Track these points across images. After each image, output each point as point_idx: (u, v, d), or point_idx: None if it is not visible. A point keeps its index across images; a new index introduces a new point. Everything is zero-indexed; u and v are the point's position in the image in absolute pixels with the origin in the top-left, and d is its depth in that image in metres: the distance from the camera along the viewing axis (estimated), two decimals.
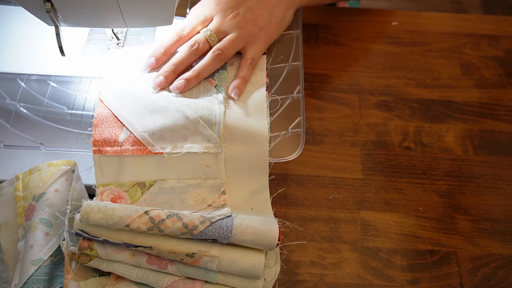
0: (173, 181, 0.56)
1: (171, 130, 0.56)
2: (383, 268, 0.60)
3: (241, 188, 0.57)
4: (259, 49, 0.64)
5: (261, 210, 0.56)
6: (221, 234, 0.50)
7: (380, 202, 0.65)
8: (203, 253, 0.50)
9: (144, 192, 0.56)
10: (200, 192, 0.56)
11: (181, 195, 0.56)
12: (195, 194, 0.56)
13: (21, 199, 0.56)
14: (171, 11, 0.59)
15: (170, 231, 0.50)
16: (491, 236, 0.63)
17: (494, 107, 0.74)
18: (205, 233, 0.50)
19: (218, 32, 0.62)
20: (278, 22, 0.66)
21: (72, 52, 0.68)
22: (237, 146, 0.57)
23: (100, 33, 0.70)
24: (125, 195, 0.56)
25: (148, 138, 0.56)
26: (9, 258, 0.55)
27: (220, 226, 0.50)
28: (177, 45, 0.63)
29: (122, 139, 0.56)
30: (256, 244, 0.51)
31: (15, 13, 0.72)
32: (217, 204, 0.56)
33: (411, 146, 0.70)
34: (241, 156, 0.57)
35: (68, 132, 0.63)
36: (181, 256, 0.50)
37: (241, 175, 0.57)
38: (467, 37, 0.81)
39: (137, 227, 0.50)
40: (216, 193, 0.56)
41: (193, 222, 0.50)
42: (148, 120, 0.57)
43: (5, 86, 0.66)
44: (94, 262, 0.51)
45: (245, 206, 0.56)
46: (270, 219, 0.54)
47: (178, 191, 0.56)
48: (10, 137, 0.62)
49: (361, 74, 0.76)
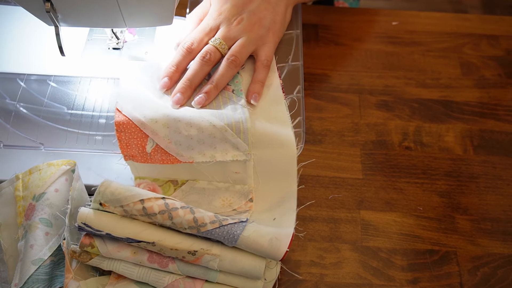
0: (203, 183, 0.57)
1: (198, 140, 0.56)
2: (383, 268, 0.60)
3: (268, 195, 0.57)
4: (271, 49, 0.64)
5: (283, 221, 0.55)
6: (226, 238, 0.50)
7: (380, 202, 0.65)
8: (205, 251, 0.50)
9: (176, 189, 0.57)
10: (228, 196, 0.57)
11: (210, 197, 0.57)
12: (223, 197, 0.57)
13: (21, 199, 0.56)
14: (171, 11, 0.59)
15: (179, 221, 0.50)
16: (491, 236, 0.63)
17: (494, 107, 0.74)
18: (211, 233, 0.50)
19: (227, 39, 0.62)
20: (282, 20, 0.66)
21: (72, 52, 0.68)
22: (266, 152, 0.57)
23: (100, 33, 0.70)
24: (159, 189, 0.57)
25: (176, 149, 0.56)
26: (9, 258, 0.55)
27: (228, 232, 0.50)
28: (188, 60, 0.62)
29: (149, 149, 0.56)
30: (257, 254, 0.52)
31: (15, 13, 0.72)
32: (242, 209, 0.56)
33: (411, 146, 0.70)
34: (269, 162, 0.57)
35: (68, 132, 0.63)
36: (183, 254, 0.50)
37: (270, 181, 0.57)
38: (467, 37, 0.81)
39: (150, 206, 0.50)
40: (244, 199, 0.57)
41: (203, 219, 0.50)
42: (173, 130, 0.56)
43: (5, 86, 0.66)
44: (94, 260, 0.51)
45: (269, 215, 0.56)
46: (284, 236, 0.52)
47: (207, 192, 0.57)
48: (10, 137, 0.62)
49: (361, 74, 0.76)
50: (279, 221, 0.55)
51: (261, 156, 0.57)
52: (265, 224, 0.54)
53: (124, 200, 0.50)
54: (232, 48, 0.62)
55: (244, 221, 0.52)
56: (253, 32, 0.63)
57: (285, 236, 0.52)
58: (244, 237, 0.50)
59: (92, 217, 0.50)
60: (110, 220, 0.51)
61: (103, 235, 0.50)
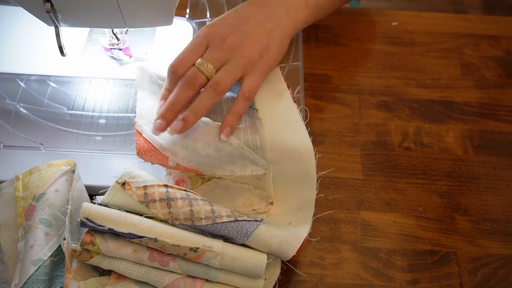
0: (228, 181, 0.59)
1: (217, 159, 0.57)
2: (383, 268, 0.60)
3: (287, 201, 0.58)
4: (257, 80, 0.59)
5: (298, 227, 0.56)
6: (239, 233, 0.52)
7: (380, 202, 0.65)
8: (206, 249, 0.50)
9: (204, 183, 0.59)
10: (250, 197, 0.58)
11: (234, 194, 0.58)
12: (245, 196, 0.58)
13: (21, 199, 0.56)
14: (171, 11, 0.59)
15: (198, 209, 0.52)
16: (491, 236, 0.63)
17: (494, 107, 0.74)
18: (226, 226, 0.52)
19: (214, 61, 0.57)
20: (276, 48, 0.61)
21: (72, 52, 0.68)
22: (285, 165, 0.58)
23: (100, 33, 0.70)
24: (188, 180, 0.58)
25: (196, 167, 0.57)
26: (9, 258, 0.55)
27: (241, 227, 0.52)
28: (175, 84, 0.57)
29: (172, 165, 0.57)
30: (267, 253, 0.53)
31: (15, 13, 0.72)
32: (261, 211, 0.58)
33: (411, 146, 0.70)
34: (289, 173, 0.58)
35: (68, 133, 0.63)
36: (185, 250, 0.50)
37: (289, 188, 0.58)
38: (467, 37, 0.81)
39: (173, 192, 0.52)
40: (264, 202, 0.58)
41: (220, 212, 0.52)
42: (191, 151, 0.56)
43: (5, 86, 0.66)
44: (95, 259, 0.51)
45: (286, 219, 0.57)
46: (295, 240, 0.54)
47: (231, 190, 0.58)
48: (10, 138, 0.62)
49: (361, 74, 0.76)
50: (294, 226, 0.56)
51: (280, 169, 0.58)
52: (280, 226, 0.55)
53: (149, 182, 0.52)
54: (217, 74, 0.56)
55: (258, 221, 0.54)
56: (243, 56, 0.58)
57: (296, 240, 0.54)
58: (256, 235, 0.52)
59: (95, 212, 0.50)
60: (113, 215, 0.51)
61: (106, 230, 0.50)
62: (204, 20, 0.75)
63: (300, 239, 0.54)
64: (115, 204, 0.52)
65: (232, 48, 0.58)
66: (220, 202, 0.57)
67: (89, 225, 0.50)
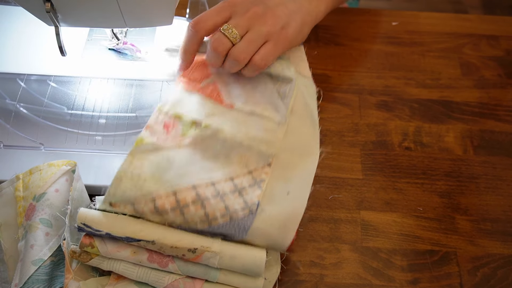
0: (227, 134, 0.57)
1: (246, 94, 0.60)
2: (383, 268, 0.60)
3: (287, 166, 0.57)
4: (274, 51, 0.59)
5: (296, 198, 0.55)
6: (237, 231, 0.51)
7: (380, 202, 0.65)
8: (205, 249, 0.50)
9: (197, 131, 0.57)
10: (248, 155, 0.56)
11: (229, 150, 0.56)
12: (242, 154, 0.56)
13: (21, 199, 0.56)
14: (171, 11, 0.59)
15: (191, 216, 0.51)
16: (491, 236, 0.63)
17: (494, 107, 0.74)
18: (223, 227, 0.51)
19: (238, 27, 0.58)
20: (297, 27, 0.61)
21: (72, 52, 0.68)
22: (298, 123, 0.59)
23: (100, 33, 0.70)
24: (179, 126, 0.57)
25: (223, 93, 0.60)
26: (9, 258, 0.55)
27: (238, 225, 0.51)
28: (196, 41, 0.60)
29: (203, 84, 0.61)
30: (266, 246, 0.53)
31: (15, 13, 0.72)
32: (257, 175, 0.55)
33: (411, 146, 0.70)
34: (298, 134, 0.59)
35: (68, 132, 0.63)
36: (183, 252, 0.50)
37: (293, 153, 0.58)
38: (467, 37, 0.81)
39: (162, 204, 0.51)
40: (262, 162, 0.56)
41: (214, 213, 0.51)
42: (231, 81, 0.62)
43: (5, 86, 0.66)
44: (94, 260, 0.51)
45: (283, 187, 0.55)
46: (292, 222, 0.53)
47: (228, 145, 0.56)
48: (10, 137, 0.62)
49: (361, 74, 0.76)
50: (292, 197, 0.55)
51: (293, 125, 0.59)
52: (278, 197, 0.54)
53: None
54: (239, 44, 0.58)
55: (253, 212, 0.52)
56: (266, 24, 0.58)
57: (294, 219, 0.53)
58: (254, 229, 0.52)
59: (91, 217, 0.50)
60: (110, 219, 0.51)
61: (103, 235, 0.50)
62: None
63: (298, 217, 0.53)
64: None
65: (256, 17, 0.59)
66: (213, 157, 0.55)
67: (86, 230, 0.50)
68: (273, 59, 0.60)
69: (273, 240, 0.52)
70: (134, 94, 0.66)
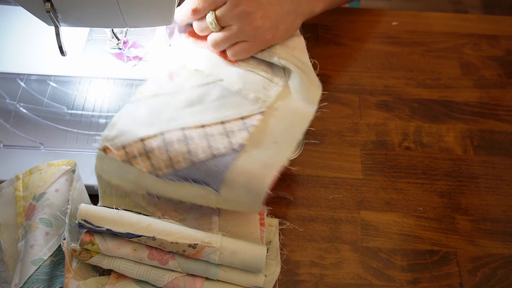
0: (226, 83, 0.60)
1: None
2: (383, 268, 0.60)
3: (280, 117, 0.59)
4: (250, 51, 0.62)
5: (282, 149, 0.56)
6: (219, 168, 0.51)
7: (380, 202, 0.65)
8: (205, 244, 0.50)
9: (198, 76, 0.61)
10: (243, 102, 0.59)
11: (225, 98, 0.59)
12: (237, 102, 0.59)
13: (21, 199, 0.56)
14: (171, 11, 0.59)
15: (174, 154, 0.52)
16: (491, 236, 0.63)
17: (494, 107, 0.74)
18: (205, 164, 0.52)
19: (222, 20, 0.60)
20: (284, 31, 0.62)
21: (72, 52, 0.67)
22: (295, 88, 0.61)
23: (100, 33, 0.70)
24: (183, 74, 0.61)
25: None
26: (9, 258, 0.55)
27: (220, 161, 0.52)
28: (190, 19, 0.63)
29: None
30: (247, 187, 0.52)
31: (15, 13, 0.72)
32: (248, 121, 0.57)
33: (411, 146, 0.70)
34: (293, 98, 0.61)
35: (68, 132, 0.63)
36: (184, 247, 0.50)
37: (287, 109, 0.59)
38: (467, 37, 0.81)
39: (149, 142, 0.52)
40: (256, 110, 0.59)
41: (196, 150, 0.52)
42: None
43: (5, 86, 0.66)
44: (95, 259, 0.51)
45: (271, 137, 0.57)
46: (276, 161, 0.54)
47: (225, 92, 0.59)
48: (10, 137, 0.62)
49: (361, 74, 0.76)
50: (278, 147, 0.56)
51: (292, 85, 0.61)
52: (264, 143, 0.55)
53: (127, 143, 0.52)
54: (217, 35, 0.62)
55: (237, 150, 0.53)
56: (250, 26, 0.59)
57: (276, 162, 0.53)
58: (236, 165, 0.52)
59: (92, 213, 0.50)
60: (110, 215, 0.51)
61: (103, 231, 0.50)
62: None
63: (280, 161, 0.54)
64: (107, 172, 0.53)
65: (244, 14, 0.59)
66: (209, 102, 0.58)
67: (87, 226, 0.50)
68: (245, 56, 0.63)
69: (255, 179, 0.51)
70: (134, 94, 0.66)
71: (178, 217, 0.56)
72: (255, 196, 0.52)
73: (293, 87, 0.62)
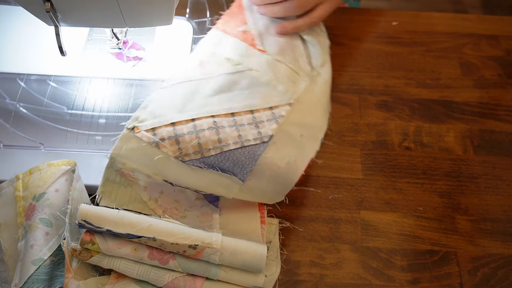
0: (255, 73, 0.61)
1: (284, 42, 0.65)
2: (383, 268, 0.60)
3: (305, 114, 0.60)
4: (327, 12, 0.66)
5: (307, 144, 0.59)
6: (247, 159, 0.53)
7: (380, 202, 0.65)
8: (206, 245, 0.50)
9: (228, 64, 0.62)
10: (271, 93, 0.60)
11: (255, 87, 0.60)
12: (266, 92, 0.60)
13: (21, 199, 0.56)
14: (171, 11, 0.59)
15: (205, 141, 0.53)
16: (491, 236, 0.63)
17: (494, 107, 0.74)
18: (234, 154, 0.53)
19: None
20: None
21: (72, 52, 0.68)
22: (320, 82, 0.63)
23: (100, 33, 0.70)
24: (213, 62, 0.62)
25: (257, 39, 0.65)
26: (9, 258, 0.55)
27: (249, 152, 0.53)
28: None
29: (241, 29, 0.66)
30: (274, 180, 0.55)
31: (15, 13, 0.72)
32: (277, 111, 0.58)
33: (411, 146, 0.70)
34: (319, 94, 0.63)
35: (67, 132, 0.63)
36: (184, 248, 0.50)
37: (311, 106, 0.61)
38: (467, 37, 0.81)
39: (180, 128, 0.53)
40: (284, 101, 0.60)
41: (227, 139, 0.54)
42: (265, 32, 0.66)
43: (5, 86, 0.66)
44: (95, 258, 0.51)
45: (298, 130, 0.59)
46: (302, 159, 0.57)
47: (254, 82, 0.60)
48: (10, 137, 0.62)
49: (361, 74, 0.76)
50: (304, 142, 0.58)
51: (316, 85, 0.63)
52: (291, 136, 0.57)
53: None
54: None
55: (266, 142, 0.55)
56: None
57: (302, 160, 0.57)
58: (264, 157, 0.54)
59: (92, 214, 0.50)
60: (110, 216, 0.51)
61: (104, 231, 0.50)
62: (204, 20, 0.75)
63: (307, 158, 0.57)
64: (126, 153, 0.53)
65: None
66: (239, 90, 0.59)
67: (87, 226, 0.50)
68: (324, 17, 0.67)
69: (282, 174, 0.55)
70: (134, 94, 0.66)
71: (179, 214, 0.56)
72: (281, 190, 0.57)
73: (320, 83, 0.63)
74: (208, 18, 0.75)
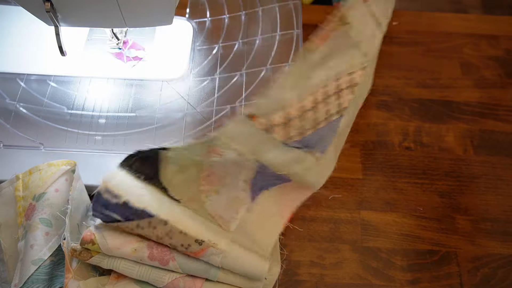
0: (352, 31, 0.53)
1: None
2: (383, 268, 0.60)
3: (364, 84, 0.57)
4: None
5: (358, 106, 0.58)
6: (330, 132, 0.53)
7: (380, 202, 0.65)
8: (211, 244, 0.50)
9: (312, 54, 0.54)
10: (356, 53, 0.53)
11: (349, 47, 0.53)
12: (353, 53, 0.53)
13: (21, 199, 0.56)
14: (171, 11, 0.59)
15: (307, 121, 0.50)
16: (491, 236, 0.63)
17: (494, 107, 0.74)
18: (322, 130, 0.51)
19: None
20: None
21: (72, 52, 0.68)
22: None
23: (100, 33, 0.70)
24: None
25: None
26: (9, 258, 0.55)
27: (332, 126, 0.52)
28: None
29: None
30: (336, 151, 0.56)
31: (15, 13, 0.72)
32: (353, 77, 0.53)
33: (411, 146, 0.70)
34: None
35: (67, 132, 0.63)
36: (190, 241, 0.50)
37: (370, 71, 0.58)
38: (467, 37, 0.81)
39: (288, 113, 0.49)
40: (360, 65, 0.54)
41: (320, 118, 0.51)
42: None
43: (5, 86, 0.66)
44: (95, 258, 0.51)
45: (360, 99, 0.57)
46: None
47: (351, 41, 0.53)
48: (10, 137, 0.62)
49: None
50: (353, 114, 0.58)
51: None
52: (356, 107, 0.57)
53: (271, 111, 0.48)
54: None
55: (343, 116, 0.53)
56: None
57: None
58: (340, 129, 0.54)
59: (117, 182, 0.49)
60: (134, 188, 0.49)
61: (119, 203, 0.49)
62: (204, 19, 0.75)
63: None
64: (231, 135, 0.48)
65: None
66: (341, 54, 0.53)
67: (104, 197, 0.48)
68: None
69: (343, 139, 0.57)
70: (134, 94, 0.66)
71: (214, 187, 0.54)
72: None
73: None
74: (208, 18, 0.75)
